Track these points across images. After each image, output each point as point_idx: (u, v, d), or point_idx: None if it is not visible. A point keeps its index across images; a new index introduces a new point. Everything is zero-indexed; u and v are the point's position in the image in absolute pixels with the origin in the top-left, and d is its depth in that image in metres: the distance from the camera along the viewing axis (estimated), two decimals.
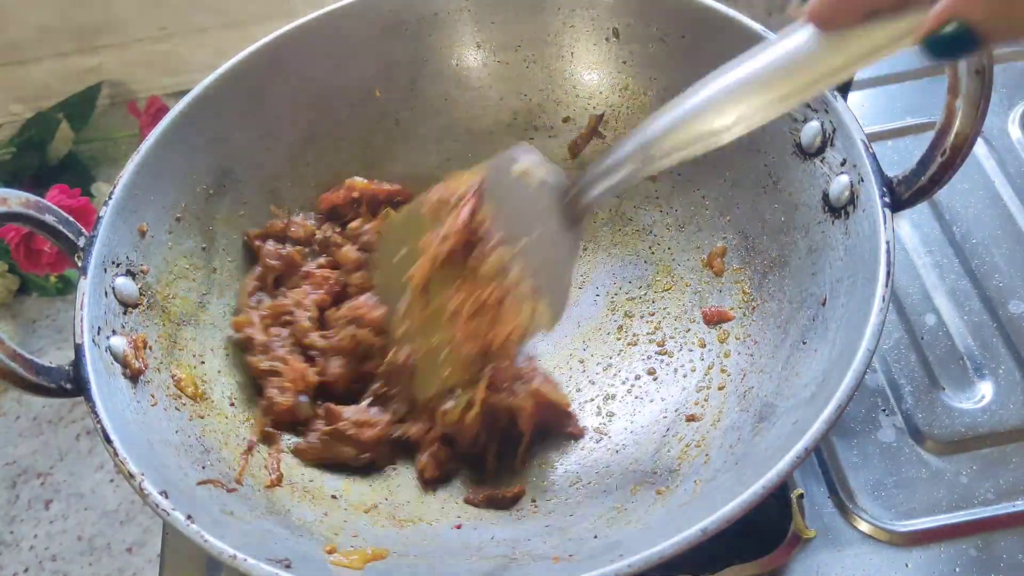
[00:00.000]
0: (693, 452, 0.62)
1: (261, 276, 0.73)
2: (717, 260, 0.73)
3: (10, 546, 0.80)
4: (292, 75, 0.75)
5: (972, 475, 0.66)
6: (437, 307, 0.66)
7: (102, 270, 0.61)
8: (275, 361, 0.68)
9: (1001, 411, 0.69)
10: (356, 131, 0.80)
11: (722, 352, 0.69)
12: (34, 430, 0.88)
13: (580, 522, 0.60)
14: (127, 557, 0.78)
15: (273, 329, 0.70)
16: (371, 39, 0.77)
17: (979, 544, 0.63)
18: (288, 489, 0.62)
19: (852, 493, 0.66)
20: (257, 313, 0.70)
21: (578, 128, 0.81)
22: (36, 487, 0.84)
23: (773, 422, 0.57)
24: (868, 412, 0.71)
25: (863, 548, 0.64)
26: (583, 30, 0.78)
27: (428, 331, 0.66)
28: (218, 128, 0.72)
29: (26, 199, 0.58)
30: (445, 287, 0.65)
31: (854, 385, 0.49)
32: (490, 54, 0.80)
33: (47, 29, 1.06)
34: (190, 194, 0.70)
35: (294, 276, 0.73)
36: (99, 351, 0.57)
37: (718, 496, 0.50)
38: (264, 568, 0.47)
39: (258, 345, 0.68)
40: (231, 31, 1.10)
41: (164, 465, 0.55)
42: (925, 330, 0.75)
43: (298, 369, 0.68)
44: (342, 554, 0.55)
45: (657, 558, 0.45)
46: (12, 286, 0.99)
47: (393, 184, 0.79)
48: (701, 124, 0.49)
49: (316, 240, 0.75)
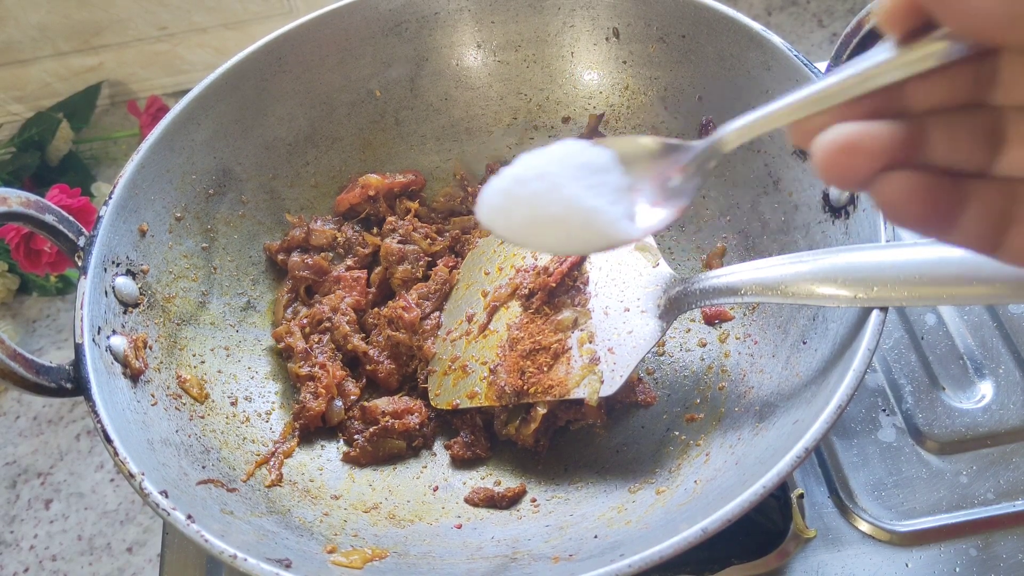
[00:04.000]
0: (693, 452, 0.62)
1: (293, 288, 0.74)
2: (717, 260, 0.73)
3: (10, 546, 0.80)
4: (292, 75, 0.75)
5: (972, 475, 0.66)
6: (495, 330, 0.67)
7: (102, 270, 0.61)
8: (315, 367, 0.69)
9: (1001, 411, 0.69)
10: (356, 131, 0.80)
11: (722, 352, 0.69)
12: (34, 430, 0.88)
13: (580, 522, 0.60)
14: (127, 557, 0.78)
15: (314, 336, 0.71)
16: (371, 39, 0.78)
17: (979, 544, 0.63)
18: (288, 489, 0.62)
19: (852, 493, 0.66)
20: (295, 323, 0.71)
21: (578, 128, 0.81)
22: (36, 487, 0.84)
23: (773, 422, 0.57)
24: (868, 412, 0.71)
25: (863, 548, 0.64)
26: (583, 30, 0.78)
27: (475, 347, 0.67)
28: (218, 128, 0.72)
29: (26, 199, 0.58)
30: (514, 314, 0.67)
31: (854, 385, 0.49)
32: (490, 54, 0.80)
33: (47, 29, 1.06)
34: (190, 194, 0.70)
35: (325, 283, 0.74)
36: (99, 351, 0.57)
37: (718, 496, 0.50)
38: (264, 568, 0.47)
39: (299, 352, 0.69)
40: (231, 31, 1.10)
41: (164, 465, 0.55)
42: (925, 330, 0.75)
43: (336, 375, 0.69)
44: (342, 554, 0.54)
45: (657, 558, 0.45)
46: (12, 286, 0.98)
47: (406, 175, 0.79)
48: (807, 287, 0.53)
49: (339, 243, 0.76)
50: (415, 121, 0.81)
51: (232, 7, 1.07)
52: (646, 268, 0.64)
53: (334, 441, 0.69)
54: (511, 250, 0.72)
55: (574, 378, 0.62)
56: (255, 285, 0.75)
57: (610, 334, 0.63)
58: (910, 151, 0.32)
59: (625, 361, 0.61)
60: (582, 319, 0.65)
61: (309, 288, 0.75)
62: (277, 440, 0.66)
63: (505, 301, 0.68)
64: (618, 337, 0.63)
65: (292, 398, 0.69)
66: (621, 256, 0.66)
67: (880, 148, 0.31)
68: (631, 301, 0.64)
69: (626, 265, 0.65)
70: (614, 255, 0.66)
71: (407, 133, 0.81)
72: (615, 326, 0.63)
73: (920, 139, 0.32)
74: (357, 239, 0.77)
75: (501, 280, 0.70)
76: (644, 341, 0.61)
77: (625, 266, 0.65)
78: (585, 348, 0.63)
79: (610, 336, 0.63)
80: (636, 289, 0.64)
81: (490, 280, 0.71)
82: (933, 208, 0.31)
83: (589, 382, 0.62)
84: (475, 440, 0.67)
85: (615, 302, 0.64)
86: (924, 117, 0.32)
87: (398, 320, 0.70)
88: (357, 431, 0.67)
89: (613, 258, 0.66)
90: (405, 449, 0.67)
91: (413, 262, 0.74)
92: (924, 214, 0.31)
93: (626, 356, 0.62)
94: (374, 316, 0.73)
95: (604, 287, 0.65)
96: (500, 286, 0.69)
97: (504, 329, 0.67)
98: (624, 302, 0.64)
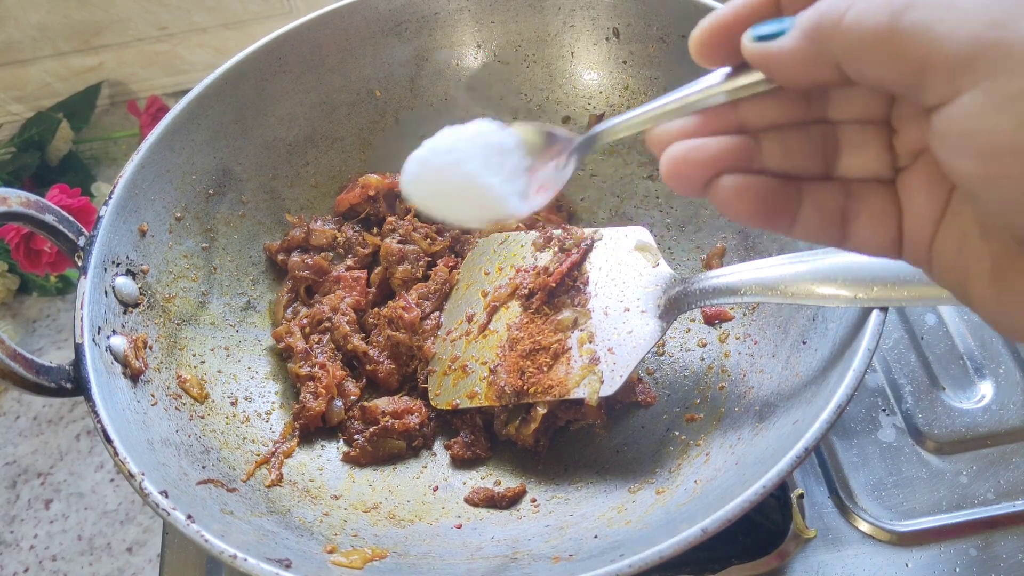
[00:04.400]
0: (693, 452, 0.62)
1: (292, 288, 0.74)
2: (717, 260, 0.73)
3: (10, 546, 0.80)
4: (292, 75, 0.75)
5: (972, 475, 0.66)
6: (495, 330, 0.67)
7: (102, 270, 0.61)
8: (315, 367, 0.69)
9: (1001, 411, 0.69)
10: (356, 131, 0.80)
11: (722, 352, 0.69)
12: (34, 430, 0.88)
13: (580, 522, 0.60)
14: (127, 557, 0.78)
15: (314, 336, 0.71)
16: (371, 39, 0.77)
17: (979, 544, 0.63)
18: (288, 489, 0.62)
19: (852, 493, 0.66)
20: (295, 323, 0.71)
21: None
22: (36, 487, 0.84)
23: (773, 422, 0.57)
24: (868, 412, 0.71)
25: (863, 548, 0.64)
26: (583, 30, 0.78)
27: (475, 347, 0.67)
28: (218, 128, 0.72)
29: (26, 199, 0.58)
30: (514, 314, 0.67)
31: (854, 385, 0.49)
32: (490, 54, 0.80)
33: (47, 29, 1.06)
34: (190, 194, 0.70)
35: (325, 283, 0.74)
36: (99, 351, 0.57)
37: (718, 496, 0.50)
38: (264, 568, 0.47)
39: (299, 352, 0.69)
40: (231, 31, 1.10)
41: (164, 465, 0.54)
42: (925, 330, 0.75)
43: (336, 375, 0.68)
44: (342, 554, 0.54)
45: (657, 558, 0.45)
46: (12, 286, 0.98)
47: None
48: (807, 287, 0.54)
49: (339, 243, 0.76)
50: (415, 121, 0.81)
51: (232, 7, 1.07)
52: (646, 268, 0.64)
53: (334, 441, 0.69)
54: (511, 250, 0.72)
55: (574, 378, 0.62)
56: (255, 285, 0.75)
57: (610, 334, 0.63)
58: (743, 160, 0.37)
59: (625, 361, 0.61)
60: (582, 319, 0.65)
61: (309, 288, 0.75)
62: (277, 440, 0.66)
63: (505, 301, 0.68)
64: (618, 337, 0.63)
65: (292, 398, 0.69)
66: (621, 256, 0.66)
67: (710, 159, 0.36)
68: (631, 301, 0.64)
69: (626, 265, 0.66)
70: (614, 255, 0.66)
71: (407, 133, 0.81)
72: (615, 326, 0.63)
73: (754, 150, 0.37)
74: (357, 239, 0.77)
75: (501, 280, 0.70)
76: (644, 341, 0.61)
77: (625, 266, 0.65)
78: (585, 348, 0.63)
79: (610, 336, 0.63)
80: (636, 289, 0.64)
81: (490, 280, 0.71)
82: (765, 206, 0.37)
83: (589, 382, 0.62)
84: (475, 440, 0.67)
85: (615, 302, 0.64)
86: (761, 132, 0.37)
87: (398, 320, 0.70)
88: (357, 431, 0.67)
89: (613, 258, 0.66)
90: (405, 449, 0.67)
91: (413, 262, 0.74)
92: (756, 211, 0.37)
93: (626, 356, 0.62)
94: (374, 316, 0.73)
95: (604, 287, 0.65)
96: (500, 286, 0.69)
97: (504, 329, 0.67)
98: (624, 302, 0.64)
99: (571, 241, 0.68)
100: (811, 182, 0.37)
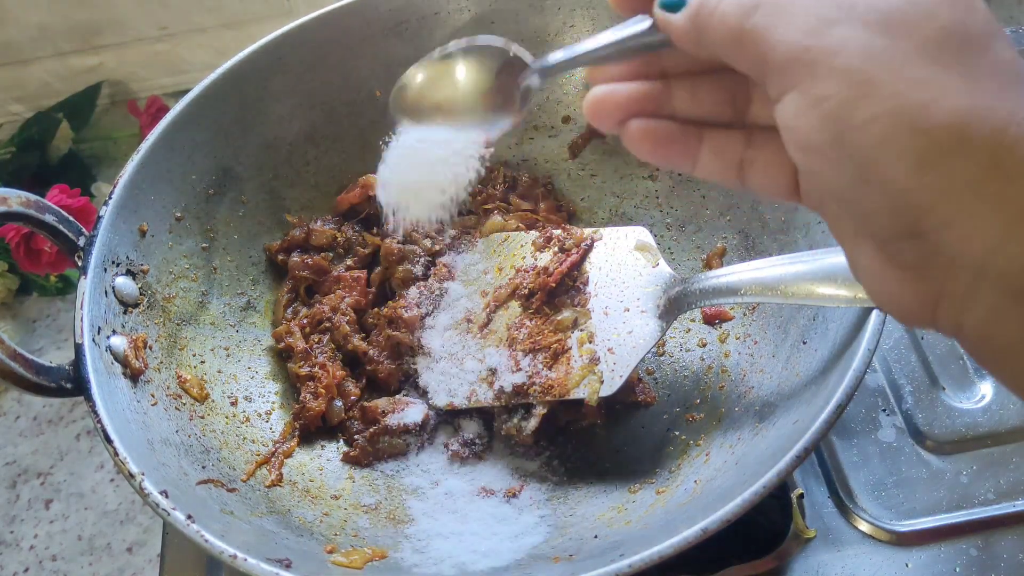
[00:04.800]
0: (693, 452, 0.62)
1: (293, 288, 0.74)
2: (717, 260, 0.73)
3: (10, 546, 0.80)
4: (292, 75, 0.75)
5: (972, 475, 0.66)
6: (495, 330, 0.67)
7: (102, 270, 0.61)
8: (315, 367, 0.69)
9: (1001, 411, 0.69)
10: (356, 131, 0.80)
11: (722, 352, 0.69)
12: (34, 430, 0.88)
13: (580, 522, 0.60)
14: (127, 557, 0.78)
15: (314, 336, 0.71)
16: (371, 39, 0.77)
17: (979, 544, 0.63)
18: (288, 489, 0.62)
19: (852, 493, 0.66)
20: (295, 323, 0.71)
21: (578, 128, 0.81)
22: (36, 487, 0.84)
23: (773, 422, 0.57)
24: (868, 412, 0.71)
25: (863, 548, 0.64)
26: (583, 30, 0.78)
27: (475, 347, 0.67)
28: (218, 128, 0.72)
29: (26, 199, 0.58)
30: (514, 313, 0.67)
31: (854, 385, 0.49)
32: None
33: (47, 29, 1.06)
34: (190, 194, 0.70)
35: (325, 282, 0.74)
36: (99, 351, 0.57)
37: (718, 496, 0.50)
38: (264, 568, 0.47)
39: (299, 352, 0.69)
40: (231, 31, 1.10)
41: (164, 465, 0.54)
42: (925, 330, 0.75)
43: (336, 375, 0.68)
44: (342, 554, 0.54)
45: (657, 558, 0.45)
46: (12, 286, 0.98)
47: None
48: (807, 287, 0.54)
49: (339, 243, 0.76)
50: None
51: (232, 7, 1.07)
52: (646, 268, 0.64)
53: (334, 441, 0.69)
54: (511, 250, 0.72)
55: (574, 378, 0.62)
56: (255, 285, 0.75)
57: (610, 334, 0.63)
58: (652, 105, 0.41)
59: (625, 361, 0.61)
60: (582, 319, 0.65)
61: (309, 288, 0.75)
62: (277, 440, 0.66)
63: (505, 301, 0.68)
64: (618, 337, 0.63)
65: (292, 398, 0.69)
66: (621, 256, 0.66)
67: (623, 101, 0.40)
68: (631, 301, 0.64)
69: (626, 265, 0.66)
70: (614, 255, 0.66)
71: None
72: (615, 326, 0.63)
73: (664, 97, 0.41)
74: (357, 239, 0.76)
75: (501, 280, 0.70)
76: (644, 341, 0.61)
77: (625, 266, 0.66)
78: (585, 348, 0.63)
79: (610, 336, 0.63)
80: (636, 289, 0.64)
81: (490, 280, 0.71)
82: (664, 148, 0.40)
83: (589, 382, 0.62)
84: (475, 440, 0.67)
85: (615, 302, 0.64)
86: (679, 78, 0.41)
87: (398, 320, 0.70)
88: (357, 431, 0.67)
89: (613, 258, 0.66)
90: (405, 449, 0.67)
91: (413, 262, 0.74)
92: (656, 152, 0.41)
93: (626, 356, 0.62)
94: (374, 316, 0.73)
95: (604, 287, 0.65)
96: (500, 286, 0.69)
97: (504, 329, 0.67)
98: (624, 302, 0.64)
99: (571, 241, 0.68)
100: (712, 129, 0.41)
